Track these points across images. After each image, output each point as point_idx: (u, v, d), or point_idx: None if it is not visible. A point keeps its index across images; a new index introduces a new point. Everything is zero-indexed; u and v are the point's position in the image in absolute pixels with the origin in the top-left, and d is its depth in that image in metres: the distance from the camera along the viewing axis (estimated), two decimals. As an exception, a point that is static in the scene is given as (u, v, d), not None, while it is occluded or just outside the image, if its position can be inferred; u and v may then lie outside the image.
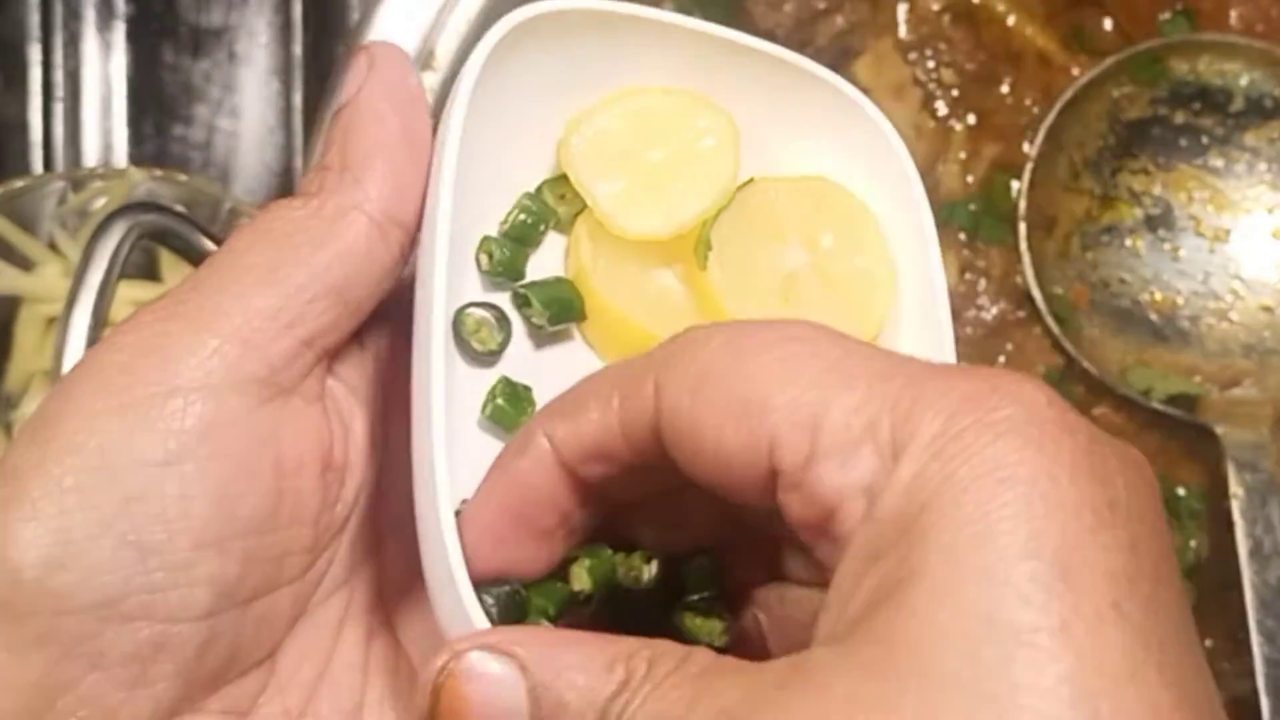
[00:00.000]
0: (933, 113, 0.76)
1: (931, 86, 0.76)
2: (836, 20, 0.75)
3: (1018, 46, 0.77)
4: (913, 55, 0.76)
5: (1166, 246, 0.74)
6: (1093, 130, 0.75)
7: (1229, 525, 0.69)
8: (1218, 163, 0.74)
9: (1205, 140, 0.75)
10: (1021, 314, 0.75)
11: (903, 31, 0.76)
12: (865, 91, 0.78)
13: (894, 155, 0.47)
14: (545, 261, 0.46)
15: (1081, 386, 0.74)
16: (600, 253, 0.46)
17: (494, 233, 0.45)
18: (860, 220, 0.48)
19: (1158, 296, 0.74)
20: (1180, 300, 0.74)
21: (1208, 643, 0.74)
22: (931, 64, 0.76)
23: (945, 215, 0.75)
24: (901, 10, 0.76)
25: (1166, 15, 0.76)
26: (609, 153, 0.46)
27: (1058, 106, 0.74)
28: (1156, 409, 0.73)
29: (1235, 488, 0.69)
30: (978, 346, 0.74)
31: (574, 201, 0.46)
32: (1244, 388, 0.73)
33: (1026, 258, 0.73)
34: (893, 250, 0.47)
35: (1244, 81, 0.74)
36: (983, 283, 0.75)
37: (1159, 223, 0.75)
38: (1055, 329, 0.73)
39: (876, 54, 0.75)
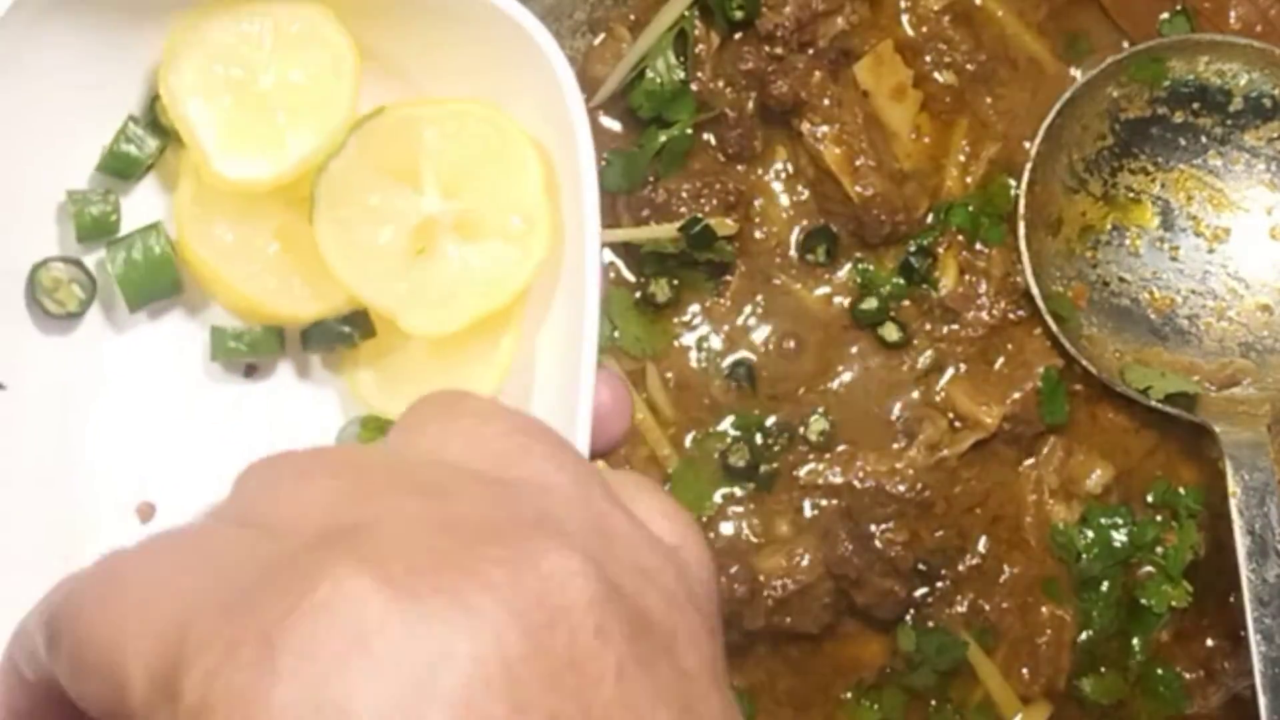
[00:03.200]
0: (933, 113, 0.76)
1: (932, 87, 0.76)
2: (837, 22, 0.75)
3: (1017, 47, 0.77)
4: (913, 56, 0.76)
5: (1165, 246, 0.74)
6: (1092, 130, 0.75)
7: (1228, 524, 0.69)
8: (1216, 163, 0.75)
9: (1204, 140, 0.75)
10: (1022, 314, 0.75)
11: (903, 33, 0.76)
12: (866, 94, 0.78)
13: (557, 88, 0.38)
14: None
15: (1081, 386, 0.74)
16: (202, 202, 0.39)
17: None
18: (513, 150, 0.39)
19: (1157, 295, 0.74)
20: (1179, 299, 0.74)
21: (1207, 642, 0.74)
22: (931, 65, 0.76)
23: (945, 215, 0.75)
24: (902, 12, 0.76)
25: (1166, 15, 0.76)
26: (213, 74, 0.38)
27: (1057, 106, 0.74)
28: (1155, 407, 0.73)
29: (1234, 486, 0.69)
30: (978, 346, 0.74)
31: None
32: (1242, 386, 0.73)
33: (1025, 257, 0.73)
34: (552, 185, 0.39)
35: (1243, 81, 0.74)
36: (983, 283, 0.75)
37: (1158, 222, 0.75)
38: (1055, 328, 0.73)
39: (877, 55, 0.75)
